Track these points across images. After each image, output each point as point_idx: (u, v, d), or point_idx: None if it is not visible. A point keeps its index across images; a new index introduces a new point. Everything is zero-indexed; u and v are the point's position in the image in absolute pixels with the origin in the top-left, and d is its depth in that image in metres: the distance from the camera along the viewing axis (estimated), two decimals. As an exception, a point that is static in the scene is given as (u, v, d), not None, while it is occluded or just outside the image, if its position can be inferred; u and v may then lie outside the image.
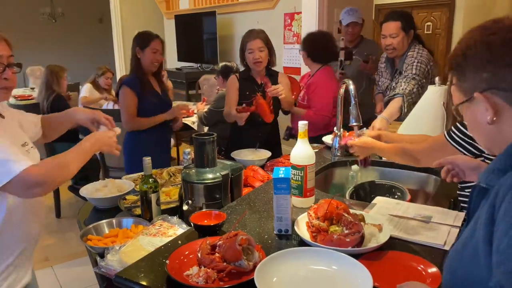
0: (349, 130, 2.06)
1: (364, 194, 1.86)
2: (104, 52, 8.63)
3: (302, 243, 1.27)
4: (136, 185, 1.91)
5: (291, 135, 3.25)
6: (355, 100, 1.87)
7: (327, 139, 2.41)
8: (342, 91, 2.08)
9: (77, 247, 3.34)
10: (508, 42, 0.78)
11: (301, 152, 1.51)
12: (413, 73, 2.55)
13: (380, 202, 1.57)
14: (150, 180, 1.60)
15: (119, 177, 2.09)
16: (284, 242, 1.30)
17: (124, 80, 2.82)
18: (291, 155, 1.53)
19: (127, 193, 1.86)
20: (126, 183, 1.95)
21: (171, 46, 6.92)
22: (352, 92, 1.88)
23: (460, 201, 1.60)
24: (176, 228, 1.46)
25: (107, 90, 5.08)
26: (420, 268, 1.12)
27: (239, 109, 2.47)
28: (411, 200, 1.69)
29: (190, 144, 4.68)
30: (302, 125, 1.51)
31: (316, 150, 2.26)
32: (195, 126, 4.22)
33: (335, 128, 2.19)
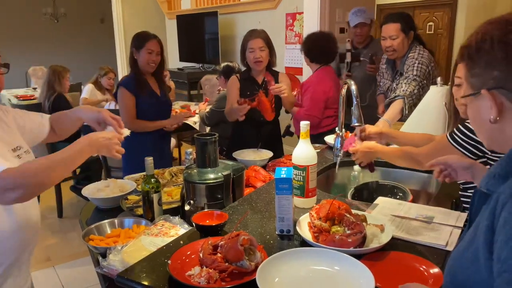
0: (352, 131, 2.06)
1: (366, 195, 1.86)
2: (106, 52, 8.63)
3: (304, 244, 1.27)
4: (138, 185, 1.92)
5: (288, 133, 3.25)
6: (357, 101, 1.86)
7: (329, 139, 2.41)
8: (344, 92, 2.08)
9: (79, 247, 3.34)
10: None
11: (303, 153, 1.51)
12: (414, 74, 2.54)
13: (382, 203, 1.56)
14: (152, 180, 1.60)
15: (121, 177, 2.10)
16: (286, 243, 1.30)
17: (121, 81, 2.82)
18: (293, 155, 1.53)
19: (129, 193, 1.86)
20: (128, 183, 1.95)
21: (173, 46, 6.92)
22: (354, 93, 1.88)
23: (462, 202, 1.60)
24: (178, 228, 1.46)
25: (109, 91, 5.05)
26: (422, 269, 1.12)
27: (241, 102, 2.46)
28: (413, 201, 1.69)
29: (192, 144, 4.69)
30: (304, 125, 1.51)
31: (318, 150, 2.26)
32: (197, 126, 4.22)
33: (337, 128, 2.19)
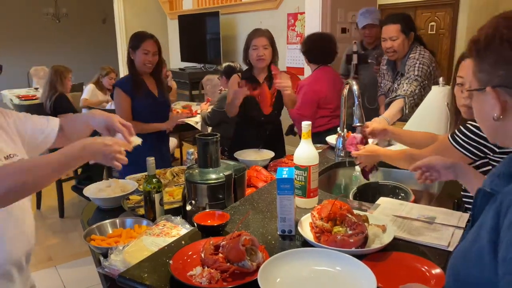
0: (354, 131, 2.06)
1: (368, 195, 1.86)
2: (108, 53, 8.65)
3: (306, 244, 1.27)
4: (140, 185, 1.92)
5: (292, 132, 3.25)
6: (359, 101, 1.86)
7: (331, 140, 2.41)
8: (346, 92, 2.08)
9: (81, 247, 3.35)
10: None
11: (305, 153, 1.50)
12: (416, 75, 2.54)
13: (384, 203, 1.56)
14: (154, 180, 1.60)
15: (123, 177, 2.10)
16: (288, 243, 1.30)
17: (117, 82, 2.79)
18: (295, 156, 1.52)
19: (131, 193, 1.86)
20: (130, 183, 1.96)
21: (175, 47, 6.93)
22: (356, 93, 1.88)
23: (464, 202, 1.59)
24: (180, 228, 1.46)
25: (111, 91, 5.06)
26: (424, 269, 1.12)
27: (241, 84, 2.44)
28: (415, 201, 1.68)
29: (193, 144, 4.69)
30: (306, 126, 1.51)
31: (320, 151, 2.26)
32: (199, 126, 4.22)
33: (339, 129, 2.19)
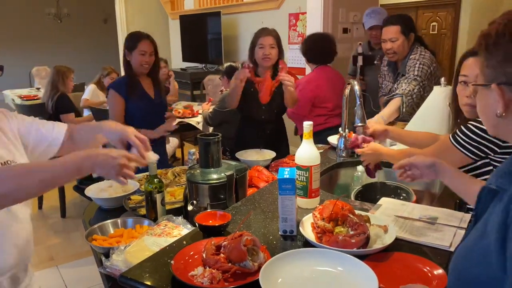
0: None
1: (370, 195, 1.85)
2: (109, 53, 8.67)
3: (307, 244, 1.26)
4: (141, 185, 1.92)
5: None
6: (360, 101, 1.86)
7: (332, 140, 2.41)
8: (347, 92, 2.08)
9: (82, 247, 3.35)
10: None
11: (306, 153, 1.50)
12: (415, 74, 2.54)
13: (386, 203, 1.56)
14: (155, 180, 1.60)
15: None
16: (289, 243, 1.30)
17: (112, 84, 2.76)
18: (296, 156, 1.52)
19: (132, 193, 1.86)
20: (131, 183, 1.95)
21: (176, 47, 6.94)
22: (357, 93, 1.88)
23: (466, 203, 1.59)
24: (181, 229, 1.46)
25: None
26: (426, 270, 1.11)
27: (245, 65, 2.44)
28: (417, 201, 1.68)
29: (195, 144, 4.69)
30: (307, 126, 1.51)
31: (321, 151, 2.26)
32: (200, 127, 4.23)
33: (340, 129, 2.19)
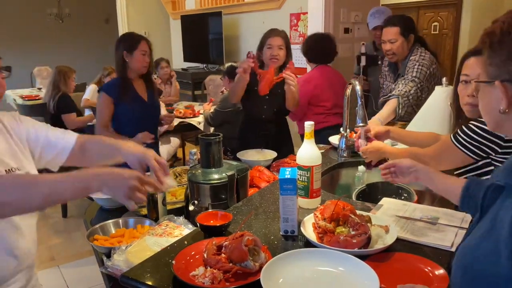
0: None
1: (371, 195, 1.85)
2: (110, 53, 8.61)
3: (308, 244, 1.26)
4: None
5: None
6: (362, 101, 1.86)
7: (334, 140, 2.41)
8: (349, 92, 2.08)
9: (84, 247, 3.35)
10: None
11: (308, 153, 1.50)
12: (413, 76, 2.54)
13: (387, 203, 1.56)
14: (156, 180, 1.60)
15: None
16: (290, 243, 1.30)
17: (103, 86, 2.71)
18: (297, 156, 1.52)
19: (133, 193, 1.86)
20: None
21: (177, 47, 6.94)
22: (359, 93, 1.88)
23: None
24: (182, 229, 1.47)
25: None
26: (427, 270, 1.11)
27: (250, 55, 2.44)
28: (418, 201, 1.68)
29: (196, 145, 4.69)
30: (308, 126, 1.51)
31: (323, 151, 2.26)
32: (201, 127, 4.23)
33: (341, 129, 2.19)
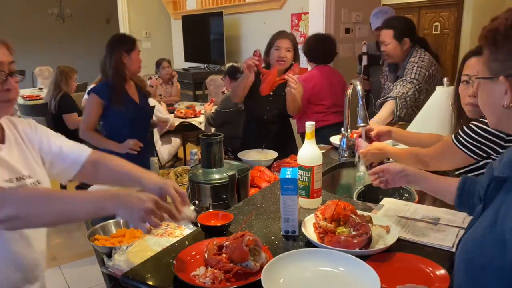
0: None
1: (372, 195, 1.85)
2: (112, 53, 8.66)
3: (309, 244, 1.26)
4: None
5: None
6: (363, 101, 1.86)
7: (335, 140, 2.40)
8: (350, 92, 2.08)
9: (84, 247, 3.35)
10: None
11: (308, 153, 1.50)
12: (412, 77, 2.55)
13: (388, 204, 1.56)
14: (157, 180, 1.60)
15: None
16: (291, 243, 1.30)
17: (94, 88, 2.62)
18: (298, 156, 1.52)
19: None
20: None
21: (178, 47, 6.94)
22: (359, 93, 1.87)
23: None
24: (183, 229, 1.47)
25: None
26: (428, 270, 1.11)
27: (257, 53, 2.44)
28: (419, 202, 1.67)
29: (197, 145, 4.69)
30: (309, 126, 1.51)
31: (323, 151, 2.26)
32: (202, 127, 4.23)
33: (342, 129, 2.18)
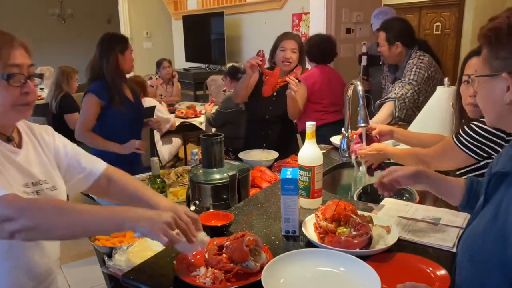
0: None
1: (373, 196, 1.85)
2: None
3: (310, 245, 1.26)
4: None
5: None
6: (363, 101, 1.86)
7: (335, 140, 2.40)
8: (350, 92, 2.07)
9: (85, 247, 3.35)
10: None
11: (309, 153, 1.50)
12: (410, 79, 2.55)
13: (389, 204, 1.56)
14: (158, 181, 1.60)
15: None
16: (292, 243, 1.30)
17: (91, 88, 2.52)
18: (299, 156, 1.52)
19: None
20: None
21: (179, 47, 6.95)
22: (360, 93, 1.87)
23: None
24: (184, 229, 1.46)
25: None
26: (429, 271, 1.11)
27: (260, 54, 2.44)
28: (420, 202, 1.67)
29: (198, 145, 4.69)
30: (310, 126, 1.51)
31: (324, 151, 2.26)
32: (203, 127, 4.23)
33: (343, 129, 2.18)
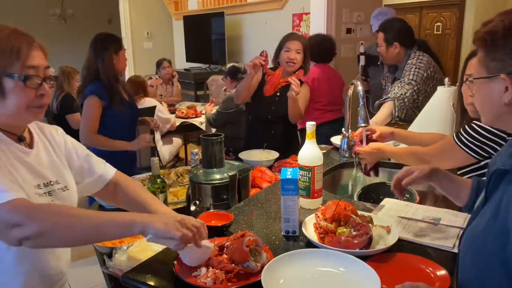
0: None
1: (373, 196, 1.85)
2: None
3: (310, 245, 1.26)
4: (144, 186, 1.92)
5: None
6: (363, 101, 1.86)
7: (335, 140, 2.40)
8: (350, 92, 2.07)
9: (85, 247, 3.31)
10: None
11: (309, 153, 1.50)
12: (410, 79, 2.56)
13: (389, 204, 1.55)
14: (158, 181, 1.60)
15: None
16: (292, 244, 1.30)
17: (91, 90, 2.47)
18: (299, 156, 1.52)
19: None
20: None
21: (180, 47, 6.95)
22: (360, 93, 1.87)
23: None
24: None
25: None
26: (429, 271, 1.11)
27: (263, 54, 2.44)
28: (420, 202, 1.67)
29: (198, 145, 4.70)
30: (310, 126, 1.51)
31: (324, 151, 2.26)
32: (203, 127, 4.23)
33: (343, 129, 2.18)
